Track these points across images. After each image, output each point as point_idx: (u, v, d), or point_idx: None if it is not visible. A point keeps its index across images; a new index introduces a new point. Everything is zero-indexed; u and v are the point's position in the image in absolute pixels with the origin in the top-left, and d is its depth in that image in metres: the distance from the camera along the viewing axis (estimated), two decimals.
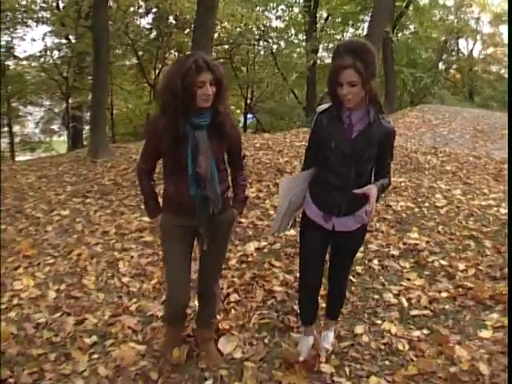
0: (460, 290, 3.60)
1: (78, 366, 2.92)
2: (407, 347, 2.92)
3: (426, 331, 3.10)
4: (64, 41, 18.68)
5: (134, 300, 3.69)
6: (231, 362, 2.87)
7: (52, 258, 4.59)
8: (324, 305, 3.06)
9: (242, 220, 5.13)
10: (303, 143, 9.69)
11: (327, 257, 2.77)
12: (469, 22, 30.73)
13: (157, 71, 18.97)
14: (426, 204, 5.57)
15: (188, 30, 14.72)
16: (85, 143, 20.52)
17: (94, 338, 3.21)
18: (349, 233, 2.58)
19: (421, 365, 2.73)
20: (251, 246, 4.47)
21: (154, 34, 19.10)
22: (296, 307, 3.27)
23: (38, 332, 3.34)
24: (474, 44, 32.49)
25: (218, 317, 3.24)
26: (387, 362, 2.80)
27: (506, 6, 29.03)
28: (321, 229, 2.59)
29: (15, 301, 3.78)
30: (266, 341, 3.07)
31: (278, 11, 21.31)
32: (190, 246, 2.77)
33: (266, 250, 4.43)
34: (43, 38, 17.60)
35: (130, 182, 7.10)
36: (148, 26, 19.22)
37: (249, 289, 3.72)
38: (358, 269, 3.95)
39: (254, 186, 6.49)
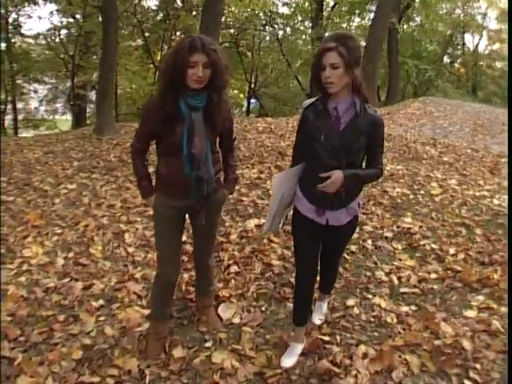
0: (449, 272, 3.79)
1: (86, 327, 3.12)
2: (395, 321, 3.12)
3: (413, 307, 3.29)
4: (71, 20, 18.78)
5: (139, 268, 3.88)
6: (230, 327, 3.08)
7: (60, 229, 4.76)
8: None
9: (244, 198, 5.34)
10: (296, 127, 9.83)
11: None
12: (475, 17, 30.75)
13: (163, 52, 18.99)
14: (422, 191, 5.74)
15: (195, 12, 14.76)
16: (88, 122, 20.71)
17: (101, 302, 3.41)
18: (340, 227, 2.60)
19: (407, 337, 2.92)
20: (251, 223, 4.66)
21: (160, 15, 19.20)
22: (292, 280, 3.46)
23: (47, 296, 3.53)
24: (480, 39, 32.61)
25: (219, 285, 3.44)
26: (376, 333, 3.00)
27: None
28: (313, 224, 2.60)
29: (25, 267, 3.96)
30: (263, 309, 3.28)
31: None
32: (182, 226, 2.82)
33: None
34: (50, 17, 17.71)
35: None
36: (154, 8, 19.34)
37: (248, 261, 3.92)
38: (353, 248, 4.15)
39: (256, 168, 6.68)
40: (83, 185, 6.21)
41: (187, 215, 2.81)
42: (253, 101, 25.59)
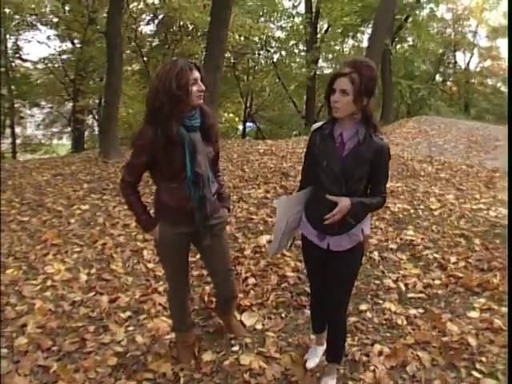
0: (451, 278, 4.03)
1: (117, 336, 3.33)
2: (405, 322, 3.36)
3: (421, 310, 3.54)
4: (70, 45, 19.18)
5: (161, 282, 4.09)
6: (254, 333, 3.31)
7: (78, 247, 4.98)
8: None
9: (253, 216, 5.60)
10: (304, 149, 10.12)
11: None
12: (466, 35, 31.36)
13: None
14: (421, 206, 6.01)
15: (190, 37, 15.17)
16: (85, 146, 20.95)
17: (128, 313, 3.63)
18: (343, 252, 2.55)
19: (417, 336, 3.16)
20: (263, 239, 4.90)
21: (156, 41, 19.56)
22: (307, 288, 3.68)
23: (75, 309, 3.74)
24: (471, 57, 33.08)
25: (240, 295, 3.66)
26: (388, 334, 3.24)
27: (503, 21, 29.70)
28: (317, 248, 2.59)
29: (49, 282, 4.17)
30: (283, 316, 3.52)
31: (280, 21, 21.72)
32: (188, 249, 2.86)
33: None
34: (47, 41, 18.06)
35: (143, 182, 7.48)
36: (150, 33, 19.68)
37: (264, 274, 4.16)
38: None
39: (262, 188, 6.94)
40: (96, 206, 6.43)
41: (192, 243, 2.85)
42: (250, 124, 25.84)
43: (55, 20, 16.33)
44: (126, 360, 3.05)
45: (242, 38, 14.05)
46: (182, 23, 14.27)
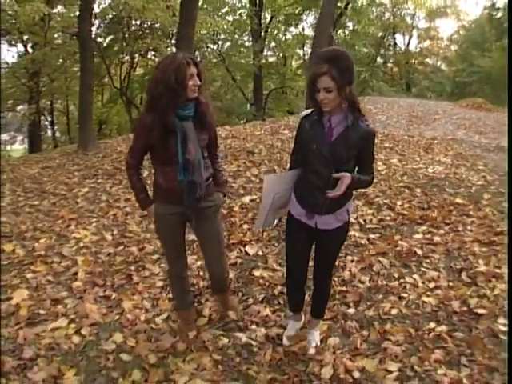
0: (399, 215, 5.28)
1: (154, 270, 4.35)
2: (367, 242, 4.62)
3: (378, 235, 4.79)
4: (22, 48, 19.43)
5: None
6: (257, 256, 4.46)
7: (94, 218, 5.87)
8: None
9: (233, 185, 6.66)
10: (262, 132, 11.25)
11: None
12: (405, 18, 32.86)
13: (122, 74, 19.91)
14: None
15: (151, 34, 15.94)
16: (43, 146, 21.10)
17: (157, 255, 4.62)
18: (330, 231, 2.74)
19: (377, 249, 4.43)
20: (246, 199, 6.01)
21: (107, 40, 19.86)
22: None
23: (112, 258, 4.67)
24: (410, 38, 34.65)
25: (240, 234, 4.76)
26: (356, 250, 4.47)
27: (441, 2, 31.45)
28: (306, 227, 2.75)
29: (81, 244, 5.05)
30: (276, 245, 4.66)
31: (229, 15, 22.58)
32: (183, 228, 3.09)
33: (258, 200, 5.88)
34: None
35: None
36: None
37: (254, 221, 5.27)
38: None
39: (234, 163, 7.99)
40: (94, 188, 7.29)
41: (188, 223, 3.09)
42: None
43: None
44: (167, 283, 4.02)
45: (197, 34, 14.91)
46: (139, 22, 15.10)
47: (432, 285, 3.82)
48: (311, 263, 3.03)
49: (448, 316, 3.41)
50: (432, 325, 3.31)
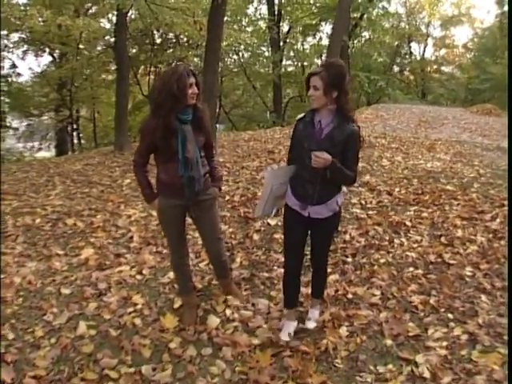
0: (395, 199, 6.26)
1: (194, 235, 5.36)
2: (365, 217, 5.62)
3: (375, 212, 5.78)
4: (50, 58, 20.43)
5: None
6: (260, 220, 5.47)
7: (138, 201, 6.74)
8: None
9: (256, 177, 7.67)
10: (281, 135, 12.35)
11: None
12: (420, 27, 33.61)
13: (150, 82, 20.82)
14: (376, 164, 8.25)
15: (179, 45, 17.08)
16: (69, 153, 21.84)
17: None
18: (323, 219, 3.03)
19: (372, 221, 5.44)
20: None
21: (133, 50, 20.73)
22: None
23: (158, 228, 5.49)
24: (425, 47, 35.30)
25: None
26: (356, 222, 5.47)
27: (455, 11, 32.15)
28: (300, 216, 3.04)
29: (133, 218, 5.98)
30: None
31: (249, 27, 23.64)
32: (184, 220, 3.42)
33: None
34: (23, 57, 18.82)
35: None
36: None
37: None
38: None
39: (256, 160, 9.05)
40: (135, 180, 8.26)
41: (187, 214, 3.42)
42: (216, 125, 27.39)
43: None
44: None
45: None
46: (165, 34, 16.33)
47: (415, 245, 4.83)
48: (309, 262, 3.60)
49: (425, 264, 4.43)
50: (411, 269, 4.33)
